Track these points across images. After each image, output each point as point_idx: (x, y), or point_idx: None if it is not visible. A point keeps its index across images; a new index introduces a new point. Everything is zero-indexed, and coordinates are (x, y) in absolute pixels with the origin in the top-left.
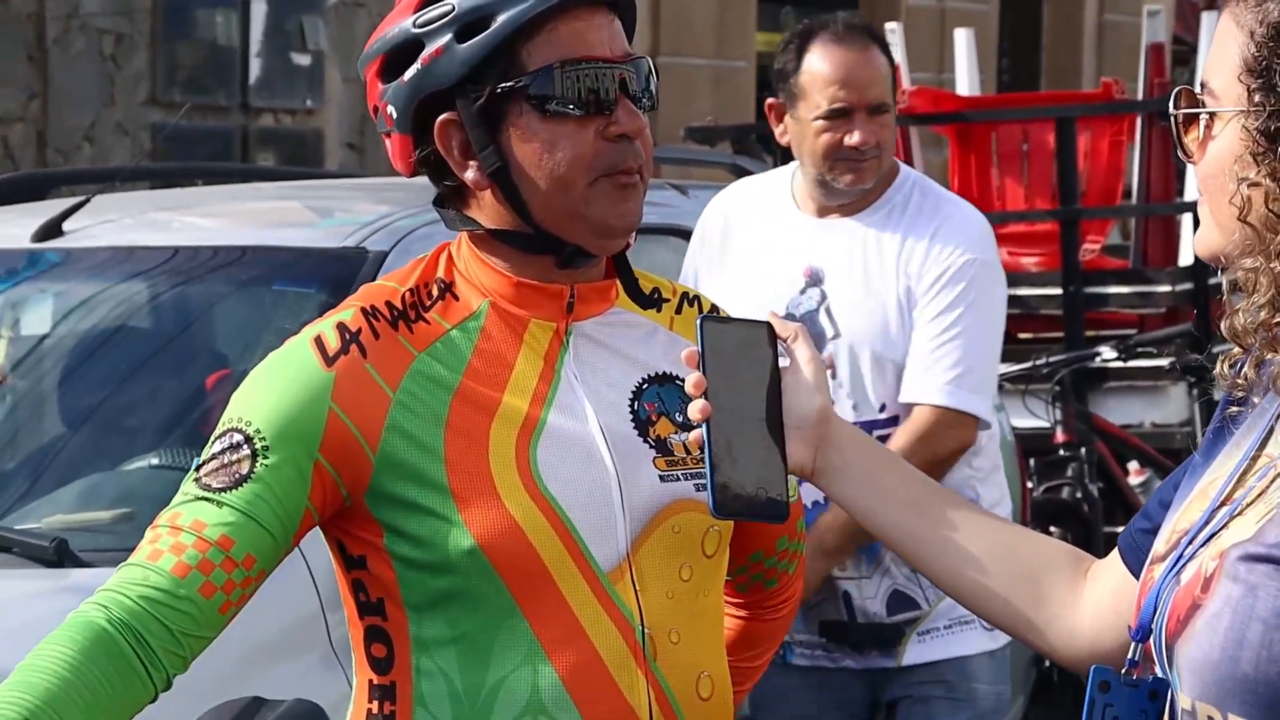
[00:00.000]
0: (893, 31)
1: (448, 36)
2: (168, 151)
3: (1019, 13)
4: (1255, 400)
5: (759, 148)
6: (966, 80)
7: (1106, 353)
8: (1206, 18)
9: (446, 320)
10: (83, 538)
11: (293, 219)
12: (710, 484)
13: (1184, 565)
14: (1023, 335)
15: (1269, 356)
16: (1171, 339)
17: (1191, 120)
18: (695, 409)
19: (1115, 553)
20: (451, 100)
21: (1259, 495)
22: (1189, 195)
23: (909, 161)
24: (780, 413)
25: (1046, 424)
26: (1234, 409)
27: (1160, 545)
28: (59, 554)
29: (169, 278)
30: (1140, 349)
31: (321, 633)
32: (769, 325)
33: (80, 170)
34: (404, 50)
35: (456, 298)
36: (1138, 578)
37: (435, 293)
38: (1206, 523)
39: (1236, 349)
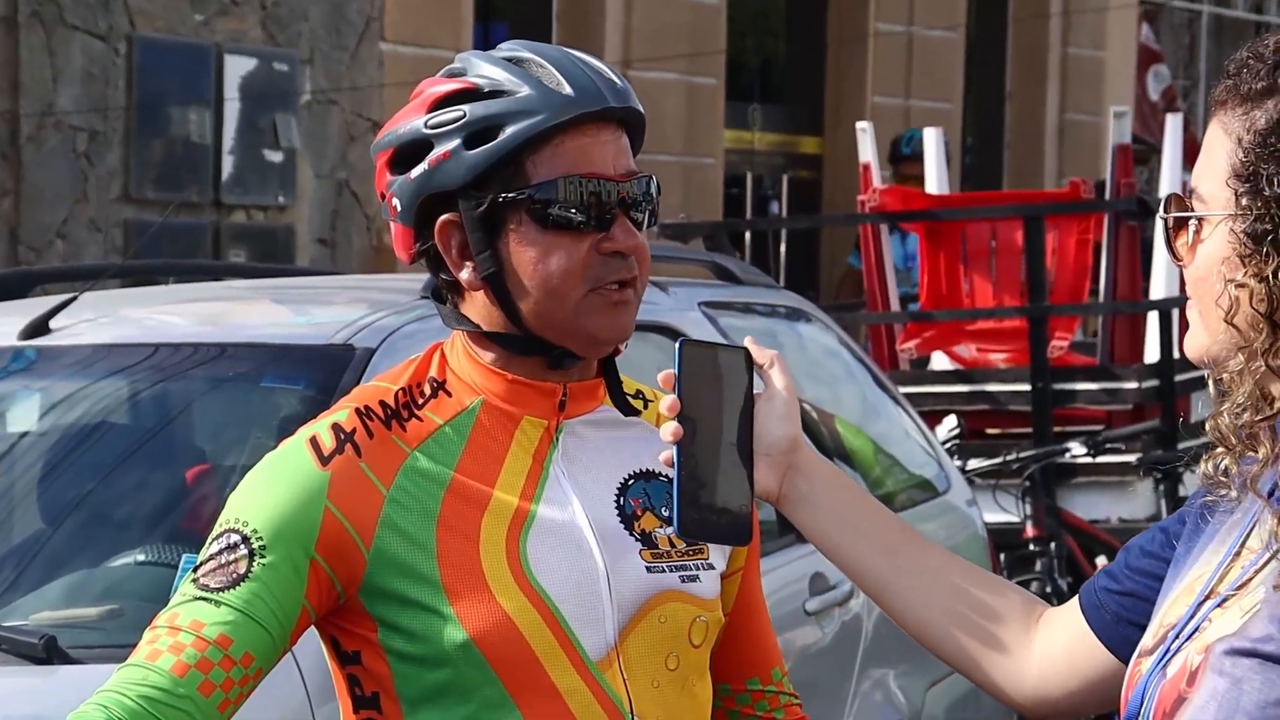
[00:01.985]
0: (863, 130)
1: (457, 141)
2: (138, 248)
3: (982, 111)
4: (1234, 496)
5: (729, 245)
6: (936, 178)
7: (1075, 449)
8: (1171, 120)
9: (439, 417)
10: (71, 634)
11: (269, 316)
12: (676, 504)
13: (1170, 659)
14: (991, 431)
15: (1248, 455)
16: (1139, 435)
17: (1181, 224)
18: (667, 430)
19: (1074, 604)
20: (455, 202)
21: (1241, 589)
22: (1155, 294)
23: (879, 259)
24: (751, 438)
25: (1016, 519)
26: (1210, 500)
27: (1148, 639)
28: (48, 651)
29: (151, 375)
30: (1108, 445)
31: None
32: (746, 351)
33: (62, 268)
34: (414, 147)
35: (449, 395)
36: (1099, 635)
37: (428, 391)
38: (1192, 617)
39: (1220, 448)
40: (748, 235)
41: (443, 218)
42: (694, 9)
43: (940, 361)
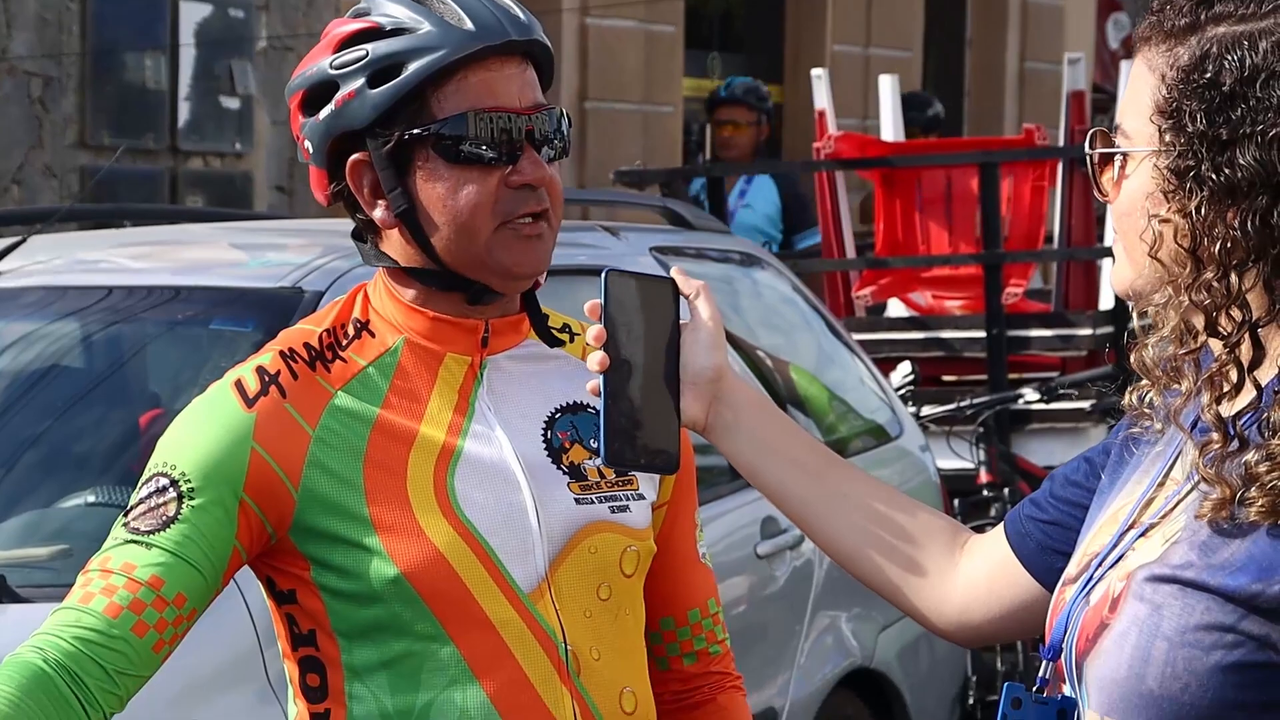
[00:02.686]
0: (818, 77)
1: (360, 81)
2: (95, 194)
3: (941, 59)
4: (1158, 428)
5: (685, 192)
6: (891, 126)
7: (1029, 395)
8: (1125, 65)
9: (363, 358)
10: (20, 574)
11: (223, 259)
12: (603, 434)
13: (1093, 586)
14: (947, 378)
15: (1173, 387)
16: (1092, 381)
17: (1107, 161)
18: (594, 360)
19: (998, 532)
20: (363, 141)
21: (1164, 518)
22: (1109, 240)
23: (835, 206)
24: (678, 368)
25: (970, 465)
26: (1134, 431)
27: (1072, 568)
28: None
29: (104, 317)
30: (1062, 391)
31: (259, 667)
32: (672, 281)
33: (11, 211)
34: (321, 89)
35: (373, 335)
36: (1024, 563)
37: (351, 332)
38: (1115, 546)
39: (1144, 381)
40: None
41: (353, 158)
42: None
43: (896, 308)
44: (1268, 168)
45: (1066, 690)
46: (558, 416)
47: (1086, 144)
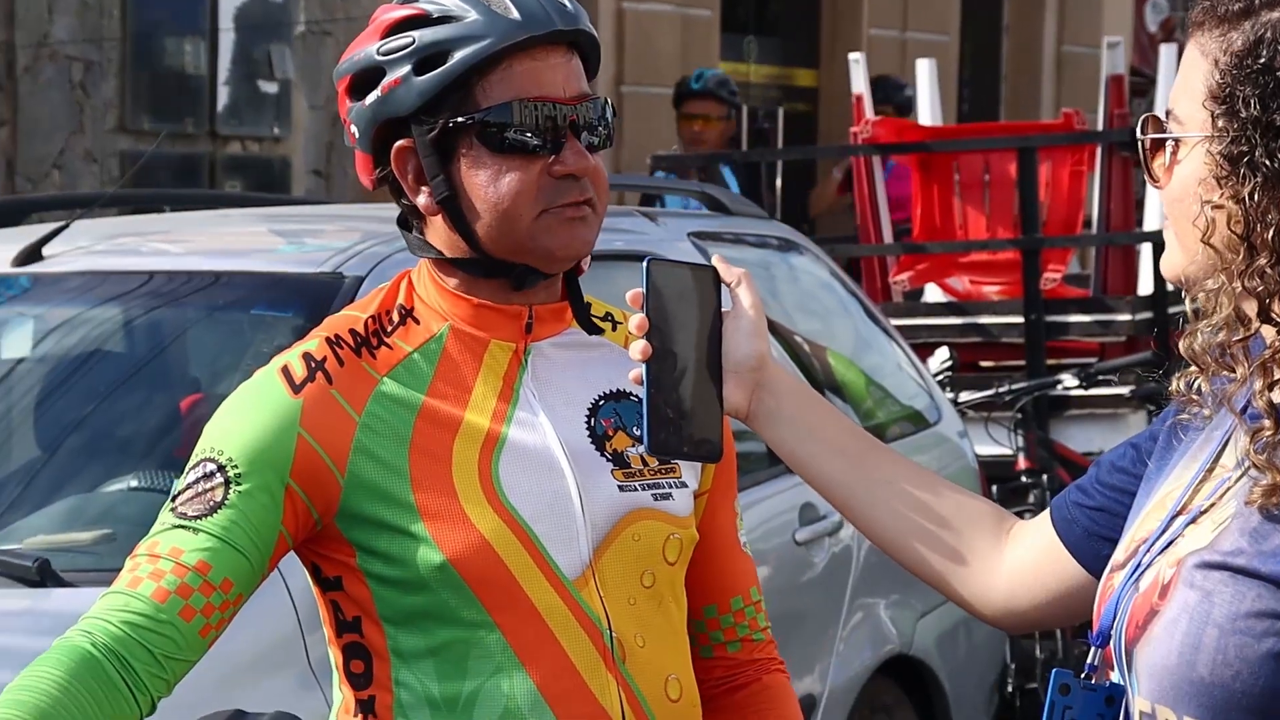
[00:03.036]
0: (856, 61)
1: (407, 68)
2: (134, 179)
3: (978, 43)
4: (1207, 414)
5: (722, 178)
6: (929, 110)
7: (1068, 381)
8: (1165, 49)
9: (408, 344)
10: (65, 558)
11: (263, 244)
12: (646, 422)
13: (1142, 573)
14: (985, 363)
15: (1223, 374)
16: (1131, 367)
17: (1158, 146)
18: (636, 349)
19: (1044, 518)
20: (408, 127)
21: (1214, 505)
22: (1148, 225)
23: (872, 191)
24: (720, 356)
25: (1009, 451)
26: (1183, 418)
27: (1120, 554)
28: (42, 574)
29: (146, 302)
30: (1101, 377)
31: (300, 653)
32: (714, 269)
33: (55, 196)
34: (368, 74)
35: (417, 322)
36: (1071, 549)
37: (396, 319)
38: (1164, 531)
39: (1193, 367)
40: (756, 169)
41: (398, 144)
42: None
43: (933, 294)
44: None
45: (1115, 677)
46: (601, 404)
47: (1138, 129)
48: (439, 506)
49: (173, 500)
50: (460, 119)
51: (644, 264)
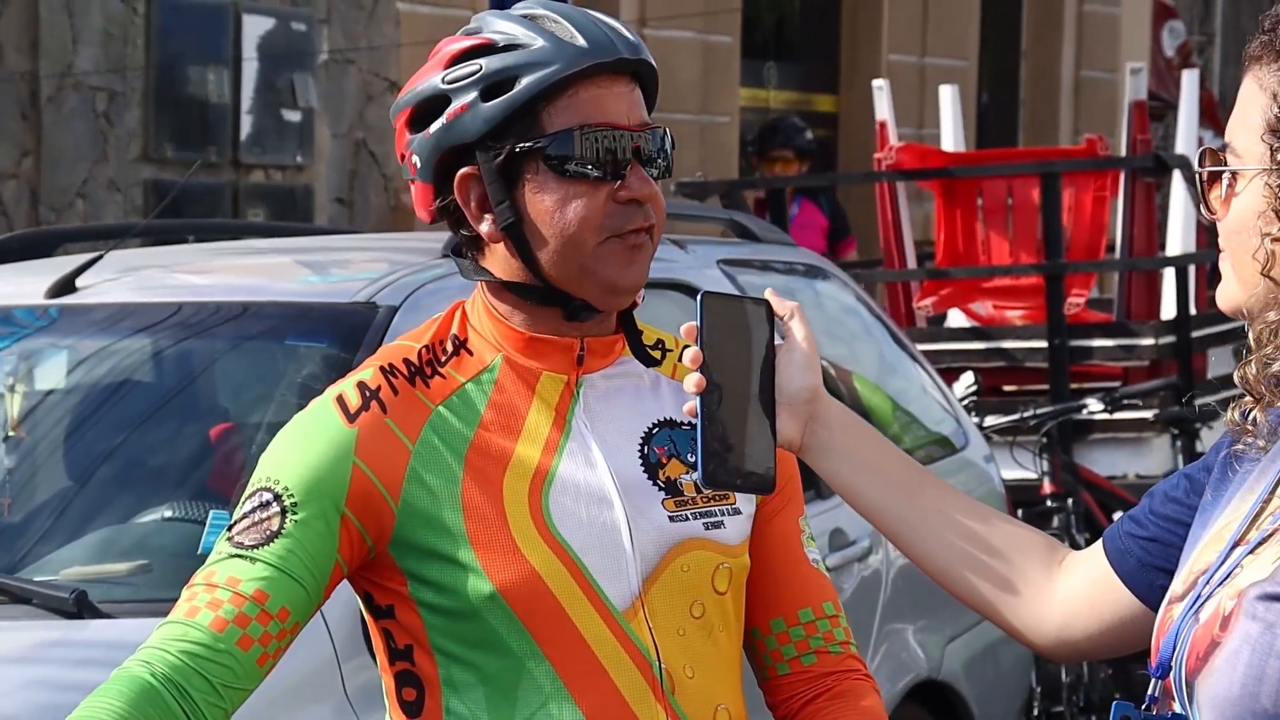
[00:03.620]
0: (879, 88)
1: (473, 95)
2: (161, 209)
3: (997, 67)
4: (1261, 444)
5: (746, 203)
6: (951, 136)
7: (1093, 405)
8: (1187, 76)
9: (461, 374)
10: (100, 589)
11: (289, 275)
12: (700, 455)
13: (1202, 604)
14: (1008, 388)
15: (1278, 405)
16: (1155, 391)
17: (1215, 178)
18: (690, 382)
19: (1097, 548)
20: (473, 155)
21: (1273, 535)
22: (1171, 250)
23: (895, 216)
24: (773, 389)
25: (1034, 475)
26: (1238, 448)
27: (1178, 585)
28: (79, 605)
29: (179, 333)
30: (1125, 401)
31: (336, 681)
32: (767, 303)
33: (84, 228)
34: (432, 104)
35: (470, 353)
36: (1124, 579)
37: (450, 349)
38: (1223, 563)
39: (1248, 398)
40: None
41: (462, 171)
42: None
43: (957, 319)
44: None
45: (1176, 708)
46: (655, 431)
47: (1195, 162)
48: (490, 536)
49: (229, 530)
50: (526, 144)
51: (698, 297)
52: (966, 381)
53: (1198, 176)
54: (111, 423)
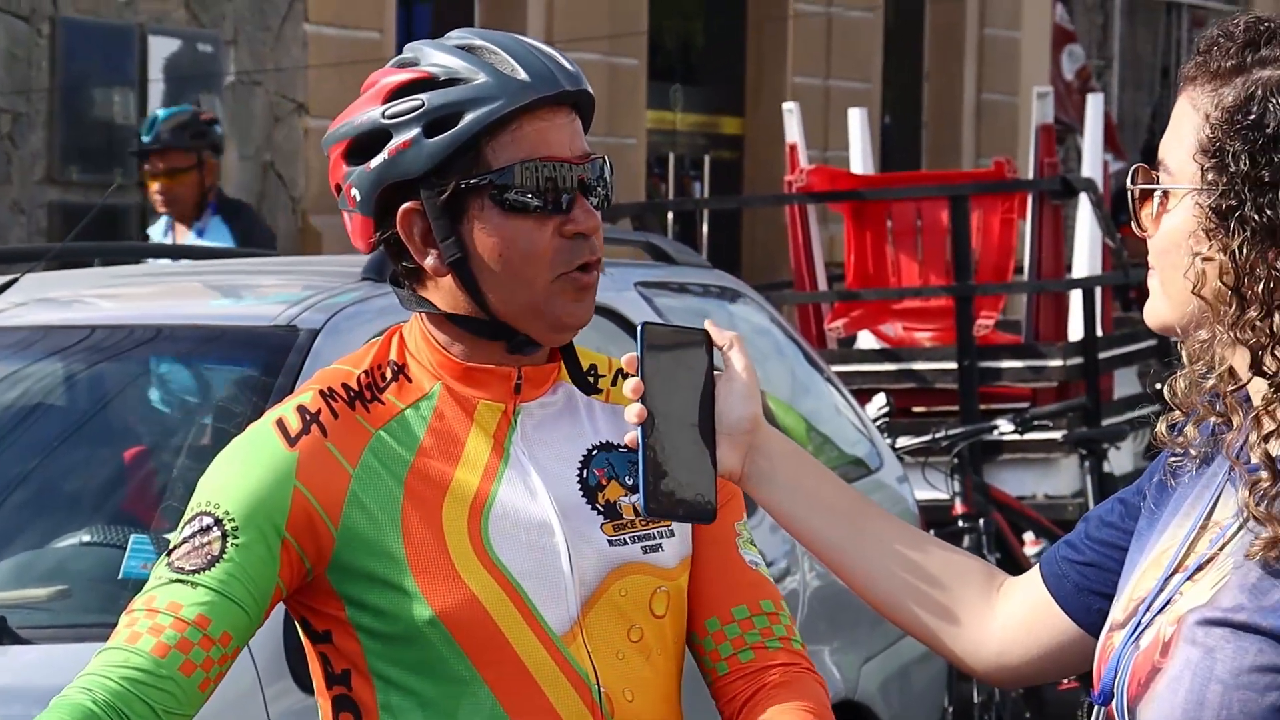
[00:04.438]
0: (790, 110)
1: (416, 130)
2: (65, 231)
3: (900, 90)
4: (1195, 454)
5: (657, 225)
6: (861, 158)
7: (1004, 426)
8: (1092, 100)
9: (401, 400)
10: (20, 615)
11: (206, 297)
12: (641, 485)
13: (1142, 631)
14: (919, 409)
15: (1213, 421)
16: (1064, 413)
17: (1146, 196)
18: (631, 412)
19: (1034, 574)
20: (416, 190)
21: (1211, 561)
22: (1078, 272)
23: (806, 238)
24: (713, 418)
25: (945, 496)
26: (1172, 462)
27: (1118, 613)
28: None
29: (93, 356)
30: (1035, 422)
31: (259, 707)
32: (706, 333)
33: (10, 249)
34: (371, 138)
35: (409, 379)
36: (1062, 604)
37: (389, 375)
38: (1162, 589)
39: (1175, 412)
40: (670, 216)
41: (405, 206)
42: None
43: (867, 340)
44: None
45: None
46: (594, 454)
47: (1128, 179)
48: (429, 561)
49: (169, 555)
50: (472, 180)
51: (639, 327)
52: (879, 403)
53: (1129, 194)
54: (26, 447)
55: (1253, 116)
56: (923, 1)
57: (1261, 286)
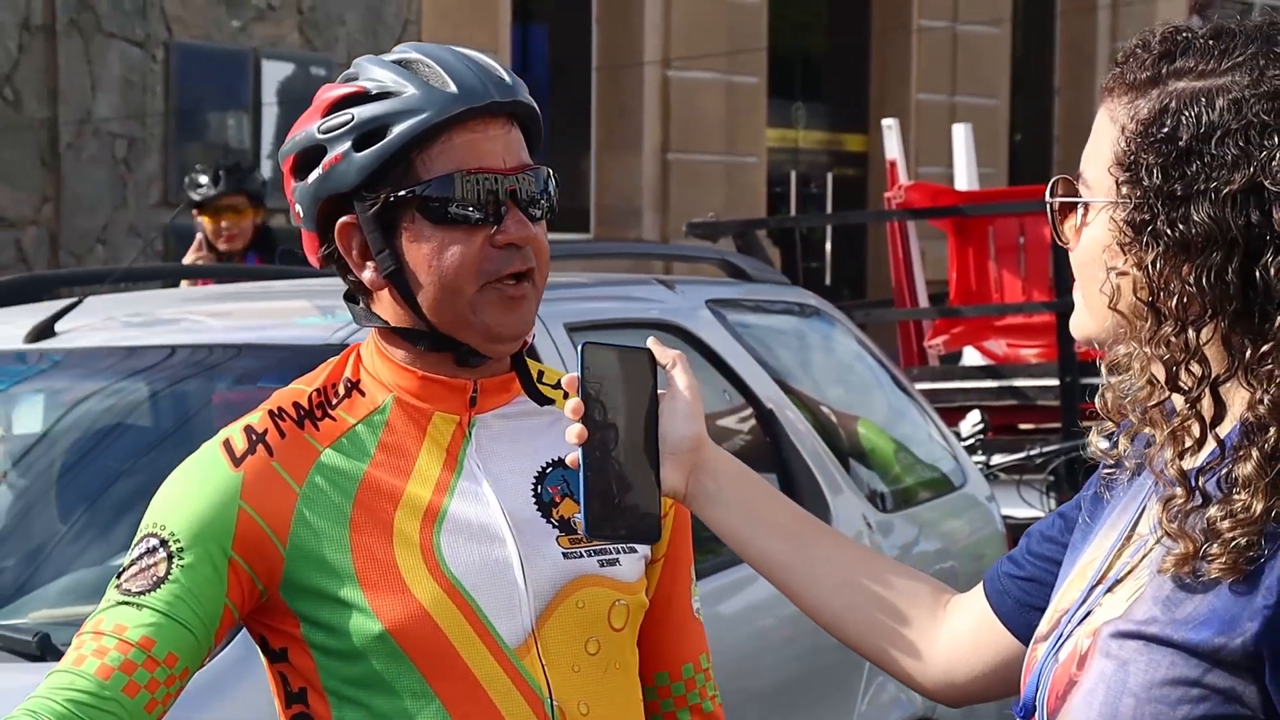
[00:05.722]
0: (889, 127)
1: (347, 144)
2: (179, 251)
3: (1030, 105)
4: (1127, 466)
5: (759, 245)
6: (965, 174)
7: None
8: None
9: (352, 416)
10: (65, 632)
11: (278, 317)
12: (584, 506)
13: (1063, 643)
14: (1023, 426)
15: (1147, 432)
16: None
17: (1069, 208)
18: (572, 433)
19: (978, 591)
20: (351, 204)
21: (1129, 573)
22: None
23: (906, 255)
24: (656, 438)
25: (1041, 513)
26: (1106, 473)
27: (1043, 626)
28: (41, 648)
29: (162, 375)
30: None
31: None
32: (649, 352)
33: (77, 272)
34: (310, 153)
35: (363, 394)
36: (1003, 620)
37: (342, 391)
38: (1084, 601)
39: (1109, 423)
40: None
41: (341, 220)
42: (733, 7)
43: (972, 356)
44: (1221, 225)
45: None
46: (549, 470)
47: (1048, 191)
48: (378, 576)
49: (118, 577)
50: (401, 193)
51: (579, 348)
52: (973, 420)
53: (1049, 207)
54: (89, 468)
55: (1165, 129)
56: (1053, 15)
57: (1175, 302)
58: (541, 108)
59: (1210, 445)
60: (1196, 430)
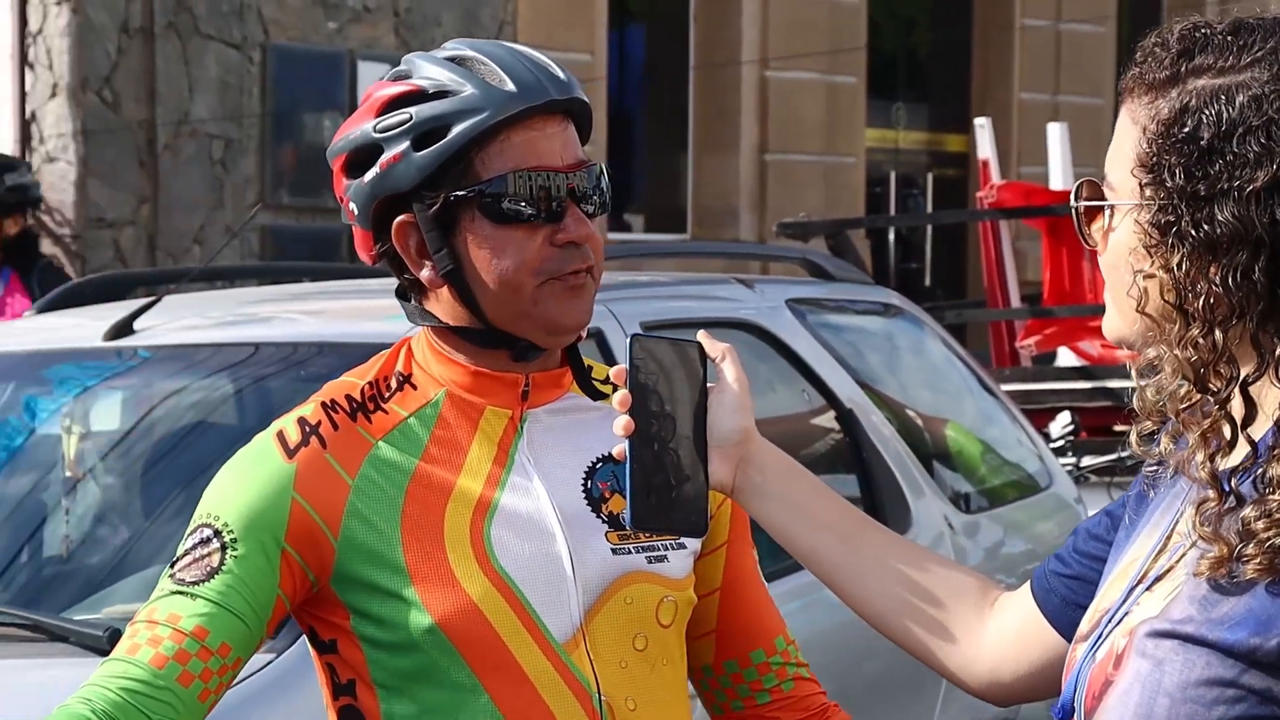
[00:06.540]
0: (981, 127)
1: (405, 144)
2: (275, 251)
3: None
4: (1171, 465)
5: (852, 245)
6: (1060, 173)
7: None
8: None
9: (404, 409)
10: None
11: (356, 315)
12: (630, 499)
13: (1102, 643)
14: (1117, 428)
15: (1184, 435)
16: None
17: (1095, 211)
18: (619, 424)
19: (1026, 589)
20: (408, 203)
21: (1167, 573)
22: None
23: (998, 255)
24: (704, 431)
25: None
26: (1149, 472)
27: (1084, 625)
28: (112, 643)
29: (245, 374)
30: None
31: None
32: (699, 344)
33: (158, 271)
34: (365, 152)
35: (415, 388)
36: (1050, 618)
37: (394, 385)
38: (1124, 601)
39: (1147, 421)
40: (891, 235)
41: (399, 219)
42: (833, 6)
43: (1067, 358)
44: (1246, 223)
45: None
46: (599, 466)
47: (1072, 195)
48: (429, 570)
49: (172, 566)
50: (461, 192)
51: (628, 340)
52: (1063, 421)
53: (1074, 210)
54: (167, 465)
55: (1187, 129)
56: (1159, 13)
57: (1202, 302)
58: (638, 107)
59: (1243, 446)
60: (1227, 431)
